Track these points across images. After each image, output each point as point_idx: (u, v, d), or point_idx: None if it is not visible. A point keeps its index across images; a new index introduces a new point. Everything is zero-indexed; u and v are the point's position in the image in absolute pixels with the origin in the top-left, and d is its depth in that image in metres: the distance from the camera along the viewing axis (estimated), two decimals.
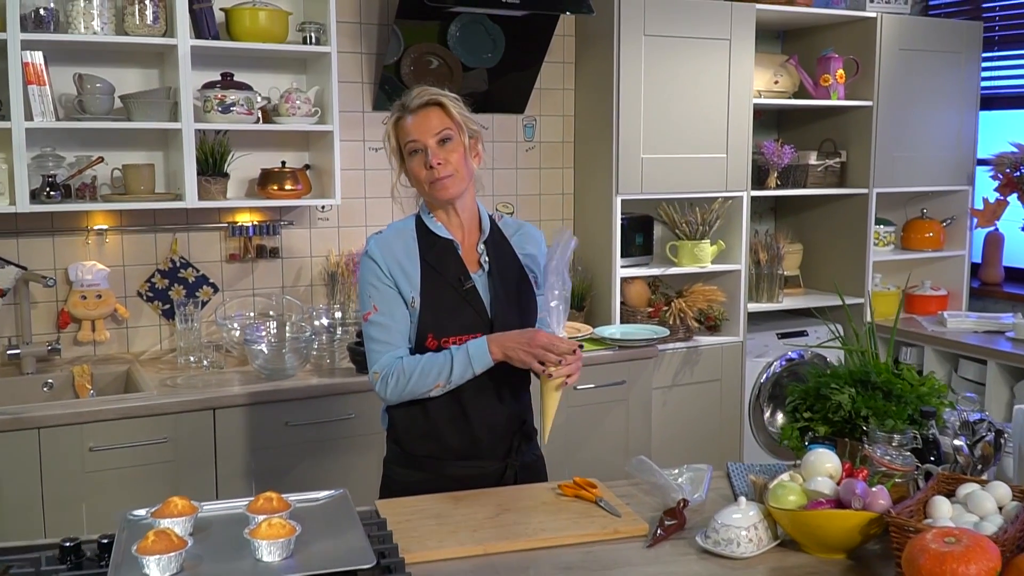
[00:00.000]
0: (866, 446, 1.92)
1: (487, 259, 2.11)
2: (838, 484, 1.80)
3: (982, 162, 4.48)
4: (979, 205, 4.43)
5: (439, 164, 2.00)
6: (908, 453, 1.92)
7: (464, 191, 2.07)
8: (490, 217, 2.16)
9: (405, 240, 2.07)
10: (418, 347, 2.07)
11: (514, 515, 1.90)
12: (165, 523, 1.63)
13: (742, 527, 1.73)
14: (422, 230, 2.09)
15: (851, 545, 1.72)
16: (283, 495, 1.72)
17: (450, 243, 2.08)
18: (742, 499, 1.78)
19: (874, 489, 1.75)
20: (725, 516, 1.76)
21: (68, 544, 1.64)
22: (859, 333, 2.26)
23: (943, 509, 1.74)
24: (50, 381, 3.10)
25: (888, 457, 1.90)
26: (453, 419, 2.07)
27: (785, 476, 1.84)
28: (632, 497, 2.03)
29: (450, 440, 2.09)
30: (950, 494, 1.80)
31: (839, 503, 1.75)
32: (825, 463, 1.83)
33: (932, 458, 1.98)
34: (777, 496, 1.76)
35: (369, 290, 2.05)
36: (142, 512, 1.71)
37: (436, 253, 2.07)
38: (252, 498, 1.69)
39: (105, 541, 1.68)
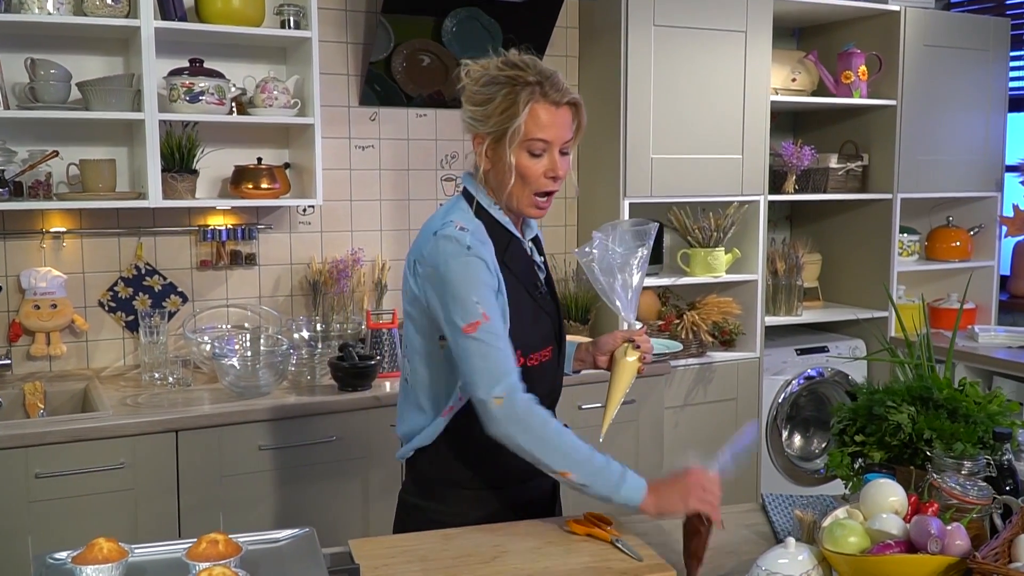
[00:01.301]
0: (933, 475, 1.62)
1: (542, 259, 1.86)
2: (905, 521, 1.50)
3: (1011, 168, 4.22)
4: (1008, 212, 4.15)
5: (560, 178, 1.72)
6: (983, 483, 1.62)
7: None
8: None
9: (484, 235, 1.73)
10: None
11: (515, 559, 1.59)
12: (88, 571, 1.35)
13: (792, 575, 1.42)
14: (491, 225, 1.74)
15: None
16: (235, 536, 1.42)
17: (519, 242, 1.78)
18: (790, 540, 1.47)
19: (949, 528, 1.45)
20: (770, 562, 1.45)
21: None
22: (913, 348, 1.96)
23: None
24: None
25: (959, 488, 1.60)
26: None
27: (841, 512, 1.53)
28: (654, 535, 1.73)
29: (510, 460, 1.67)
30: None
31: (909, 545, 1.45)
32: (889, 496, 1.53)
33: (1008, 487, 1.68)
34: (835, 537, 1.45)
35: (480, 292, 1.63)
36: (63, 555, 1.42)
37: (511, 254, 1.76)
38: (193, 541, 1.38)
39: None
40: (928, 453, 1.70)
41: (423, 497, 1.83)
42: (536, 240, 1.88)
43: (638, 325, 1.85)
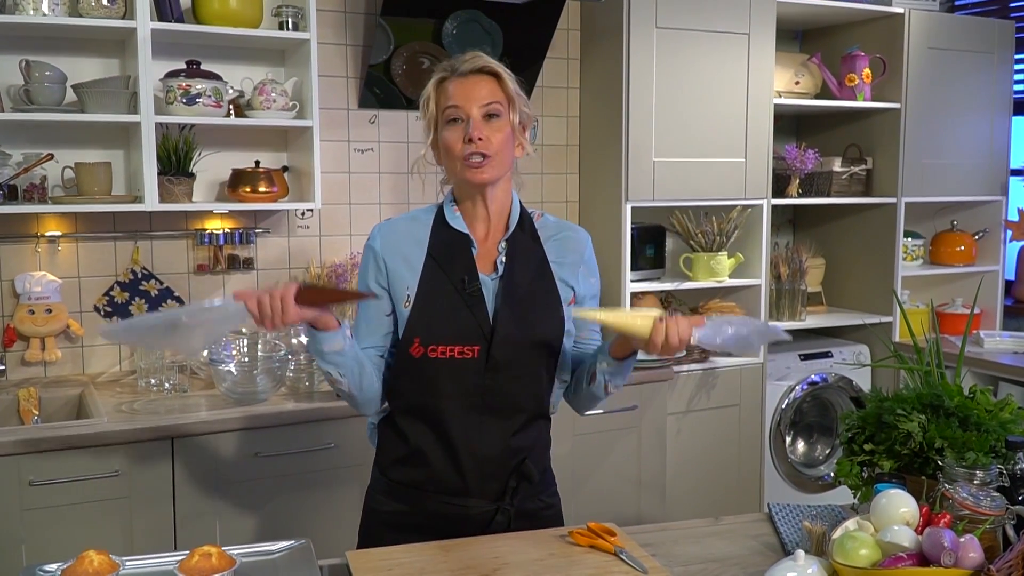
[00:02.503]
0: (945, 485, 1.58)
1: (503, 260, 1.80)
2: (917, 532, 1.47)
3: (1016, 172, 4.18)
4: (1013, 216, 4.12)
5: (480, 140, 1.70)
6: (996, 493, 1.58)
7: (499, 179, 1.77)
8: (526, 214, 1.85)
9: (416, 230, 1.82)
10: (400, 355, 1.77)
11: (516, 571, 1.55)
12: None
13: None
14: (439, 222, 1.82)
15: None
16: (229, 548, 1.38)
17: (465, 238, 1.78)
18: (800, 553, 1.44)
19: (963, 540, 1.42)
20: (779, 574, 1.41)
21: None
22: (922, 354, 1.92)
23: None
24: None
25: (972, 498, 1.56)
26: (437, 445, 1.78)
27: (851, 524, 1.50)
28: (659, 546, 1.69)
29: (435, 469, 1.78)
30: None
31: (922, 557, 1.41)
32: (900, 507, 1.49)
33: (1021, 498, 1.64)
34: (845, 550, 1.41)
35: (359, 284, 1.84)
36: (52, 568, 1.38)
37: (445, 248, 1.78)
38: (186, 553, 1.34)
39: None
40: (939, 462, 1.66)
41: (371, 487, 1.91)
42: (514, 241, 1.79)
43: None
